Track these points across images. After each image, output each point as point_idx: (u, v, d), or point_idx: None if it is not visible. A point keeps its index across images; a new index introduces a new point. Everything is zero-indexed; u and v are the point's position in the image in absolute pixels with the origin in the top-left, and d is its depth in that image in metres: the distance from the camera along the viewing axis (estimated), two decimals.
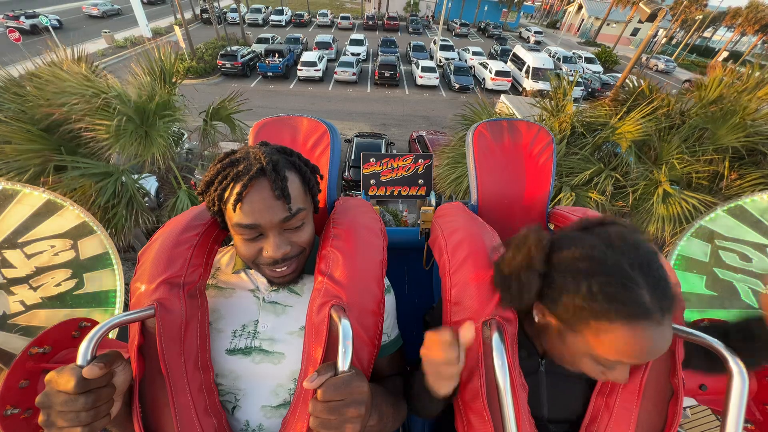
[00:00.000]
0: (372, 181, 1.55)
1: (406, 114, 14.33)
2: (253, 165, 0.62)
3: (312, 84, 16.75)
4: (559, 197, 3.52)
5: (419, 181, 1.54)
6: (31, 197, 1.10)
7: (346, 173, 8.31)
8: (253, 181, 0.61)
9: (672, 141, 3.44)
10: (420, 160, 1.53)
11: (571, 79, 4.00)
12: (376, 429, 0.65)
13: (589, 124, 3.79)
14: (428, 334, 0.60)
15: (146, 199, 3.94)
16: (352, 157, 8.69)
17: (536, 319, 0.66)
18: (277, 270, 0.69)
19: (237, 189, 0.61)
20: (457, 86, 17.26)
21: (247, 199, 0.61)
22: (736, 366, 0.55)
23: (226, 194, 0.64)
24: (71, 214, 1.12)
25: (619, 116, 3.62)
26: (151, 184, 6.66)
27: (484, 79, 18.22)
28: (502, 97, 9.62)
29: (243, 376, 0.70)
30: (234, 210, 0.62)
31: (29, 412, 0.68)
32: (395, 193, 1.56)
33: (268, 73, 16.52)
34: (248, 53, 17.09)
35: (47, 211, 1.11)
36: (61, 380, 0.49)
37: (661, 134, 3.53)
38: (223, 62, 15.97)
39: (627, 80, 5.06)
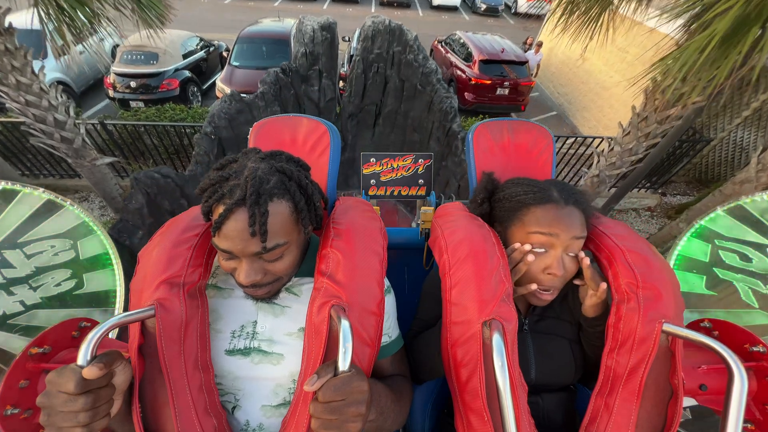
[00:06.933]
0: (372, 181, 1.55)
1: (422, 34, 11.37)
2: (238, 188, 0.59)
3: (302, 2, 13.90)
4: None
5: (419, 181, 1.54)
6: (31, 197, 1.10)
7: (345, 68, 6.83)
8: (233, 209, 0.59)
9: None
10: (420, 160, 1.53)
11: None
12: (376, 424, 0.65)
13: None
14: None
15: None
16: (355, 45, 7.31)
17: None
18: (249, 291, 0.69)
19: (217, 214, 0.61)
20: (483, 7, 14.12)
21: (224, 227, 0.60)
22: (735, 366, 0.55)
23: (211, 213, 0.63)
24: (71, 214, 1.12)
25: None
26: None
27: (515, 0, 14.60)
28: None
29: (242, 377, 0.70)
30: (213, 233, 0.62)
31: (29, 412, 0.68)
32: (395, 193, 1.56)
33: None
34: None
35: (47, 211, 1.11)
36: (61, 380, 0.49)
37: None
38: None
39: None
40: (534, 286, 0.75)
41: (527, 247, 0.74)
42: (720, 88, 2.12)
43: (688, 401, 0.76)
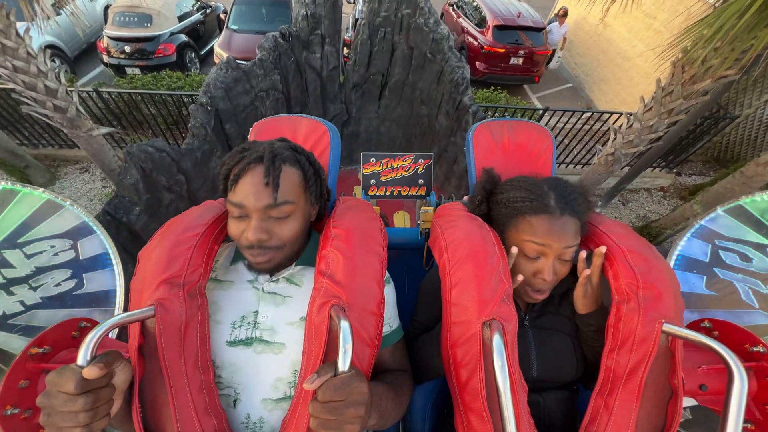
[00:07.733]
0: (372, 181, 1.55)
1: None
2: (257, 153, 0.70)
3: None
4: None
5: (419, 181, 1.54)
6: (31, 197, 1.10)
7: (350, 33, 6.23)
8: (250, 165, 0.69)
9: None
10: (420, 160, 1.53)
11: None
12: (376, 426, 0.66)
13: None
14: None
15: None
16: (360, 8, 6.62)
17: None
18: (253, 254, 0.72)
19: (236, 170, 0.70)
20: None
21: (240, 180, 0.69)
22: (735, 366, 0.55)
23: (230, 173, 0.72)
24: (71, 214, 1.12)
25: None
26: None
27: None
28: None
29: (244, 368, 0.70)
30: (229, 188, 0.70)
31: (29, 412, 0.68)
32: (395, 193, 1.56)
33: None
34: None
35: (47, 211, 1.10)
36: (61, 381, 0.49)
37: None
38: None
39: None
40: (520, 277, 0.77)
41: (514, 250, 0.79)
42: (754, 58, 1.96)
43: (688, 401, 0.76)
